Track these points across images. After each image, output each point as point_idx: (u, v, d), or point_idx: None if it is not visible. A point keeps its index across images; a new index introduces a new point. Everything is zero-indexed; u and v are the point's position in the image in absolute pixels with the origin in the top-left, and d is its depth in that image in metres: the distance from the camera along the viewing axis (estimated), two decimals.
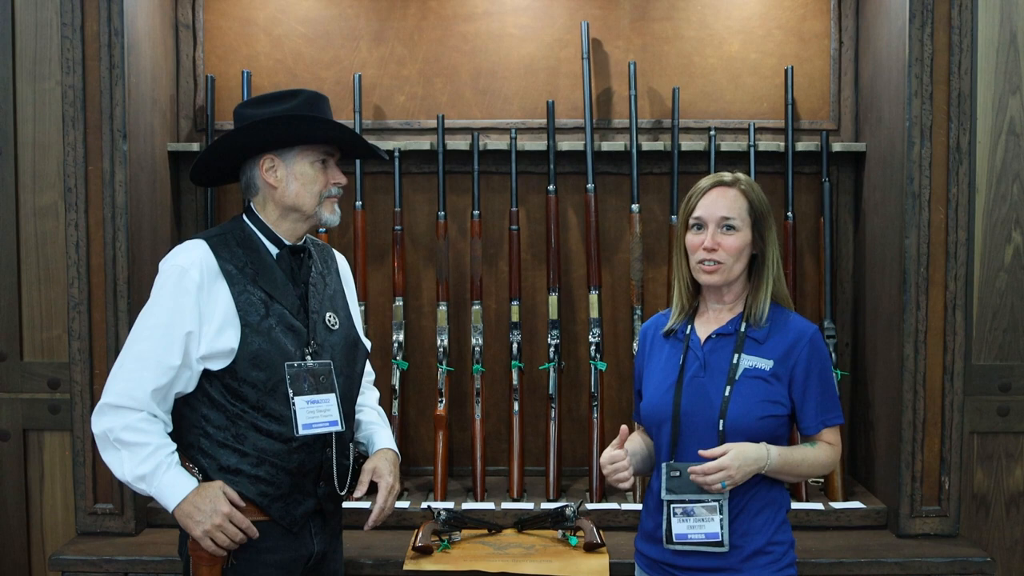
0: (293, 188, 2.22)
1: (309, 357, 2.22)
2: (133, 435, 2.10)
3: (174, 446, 2.15)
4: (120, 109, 2.82)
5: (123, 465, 2.11)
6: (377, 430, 2.42)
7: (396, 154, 3.19)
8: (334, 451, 2.25)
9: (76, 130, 2.83)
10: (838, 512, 2.97)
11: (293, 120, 2.18)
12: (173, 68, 3.26)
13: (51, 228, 3.06)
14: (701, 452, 2.11)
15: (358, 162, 3.17)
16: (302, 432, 2.18)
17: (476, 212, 3.20)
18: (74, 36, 2.81)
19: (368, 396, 2.49)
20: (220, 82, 3.25)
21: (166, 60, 3.20)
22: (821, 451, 2.21)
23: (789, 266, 3.15)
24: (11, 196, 3.07)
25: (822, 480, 3.12)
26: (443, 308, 3.19)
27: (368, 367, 2.49)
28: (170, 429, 2.17)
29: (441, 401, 3.15)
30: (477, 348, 3.19)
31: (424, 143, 3.22)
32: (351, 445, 2.33)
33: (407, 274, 3.25)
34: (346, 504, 2.36)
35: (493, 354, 3.29)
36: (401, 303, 3.20)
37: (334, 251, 2.45)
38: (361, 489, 2.28)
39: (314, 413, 2.20)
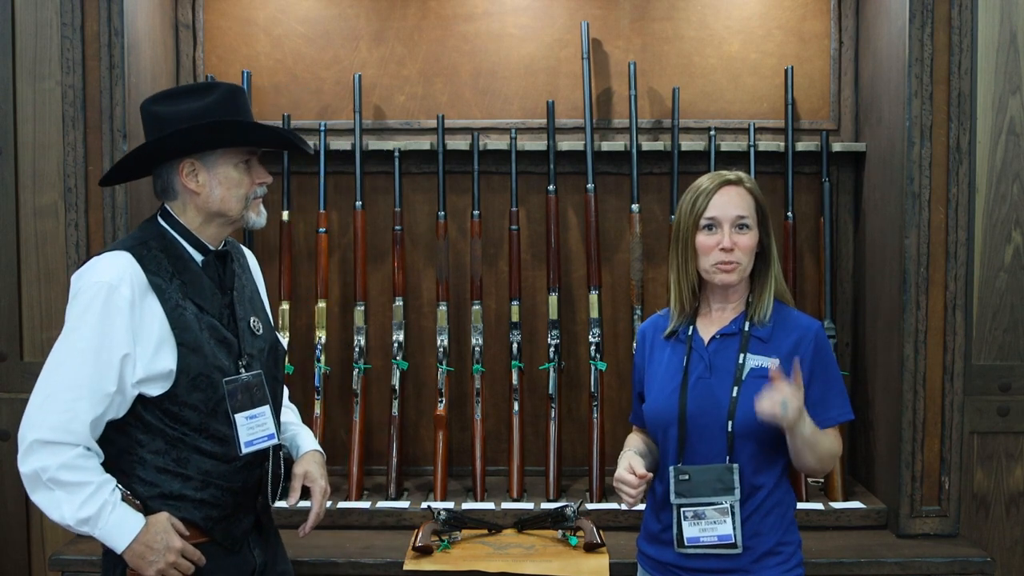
0: (217, 193, 2.08)
1: (243, 370, 2.10)
2: (70, 474, 1.92)
3: (114, 481, 1.98)
4: (120, 109, 2.82)
5: (61, 507, 1.93)
6: (299, 431, 2.35)
7: (396, 154, 3.19)
8: (271, 464, 2.17)
9: (76, 130, 2.83)
10: (838, 512, 2.97)
11: (213, 127, 2.03)
12: (173, 68, 3.26)
13: (51, 228, 3.06)
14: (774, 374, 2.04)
15: (358, 163, 3.17)
16: (245, 450, 2.09)
17: (476, 212, 3.20)
18: (74, 36, 2.81)
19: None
20: None
21: (166, 60, 3.20)
22: (831, 440, 2.19)
23: (789, 266, 3.15)
24: (11, 196, 3.06)
25: (822, 480, 3.12)
26: (443, 308, 3.18)
27: None
28: (102, 459, 2.00)
29: (441, 401, 3.15)
30: (477, 348, 3.19)
31: (424, 143, 3.22)
32: (281, 453, 2.25)
33: (407, 274, 3.25)
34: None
35: (493, 354, 3.29)
36: (401, 303, 3.20)
37: (242, 247, 2.32)
38: (295, 496, 2.21)
39: (253, 429, 2.10)
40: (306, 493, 2.27)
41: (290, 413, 2.40)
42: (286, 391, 2.46)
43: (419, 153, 3.26)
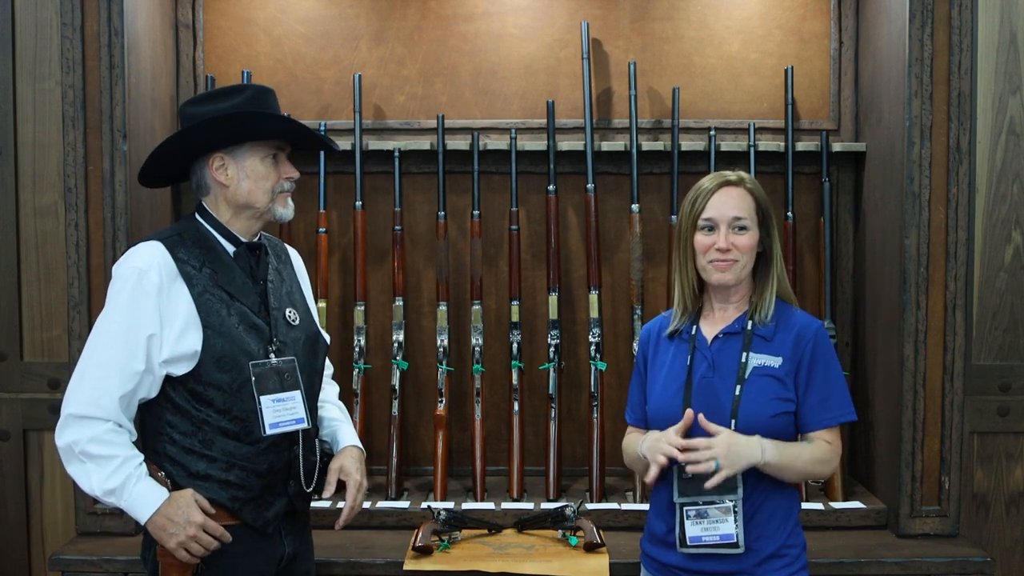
0: (245, 186, 2.19)
1: (273, 355, 2.18)
2: (100, 447, 2.05)
3: (141, 457, 2.10)
4: (120, 109, 2.82)
5: (90, 479, 2.06)
6: (340, 427, 2.40)
7: (396, 154, 3.19)
8: (301, 449, 2.22)
9: (76, 130, 2.82)
10: (838, 512, 2.97)
11: (240, 117, 2.15)
12: (173, 68, 3.26)
13: (51, 228, 3.06)
14: (703, 422, 2.08)
15: (358, 163, 3.17)
16: (269, 432, 2.15)
17: (476, 212, 3.20)
18: (74, 36, 2.81)
19: (328, 391, 2.47)
20: (220, 82, 3.24)
21: (166, 60, 3.20)
22: (817, 448, 2.18)
23: (789, 266, 3.14)
24: (11, 196, 3.06)
25: (822, 480, 3.12)
26: (443, 308, 3.18)
27: (327, 361, 2.46)
28: (135, 438, 2.12)
29: (441, 401, 3.15)
30: (477, 348, 3.19)
31: (424, 143, 3.22)
32: (317, 442, 2.31)
33: (407, 274, 3.25)
34: (321, 504, 2.33)
35: (493, 354, 3.29)
36: (401, 303, 3.20)
37: (287, 246, 2.44)
38: (330, 489, 2.26)
39: (280, 412, 2.17)
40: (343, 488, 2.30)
41: (335, 409, 2.45)
42: (336, 388, 2.53)
43: (419, 153, 3.26)
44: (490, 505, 3.02)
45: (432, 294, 3.30)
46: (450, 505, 2.97)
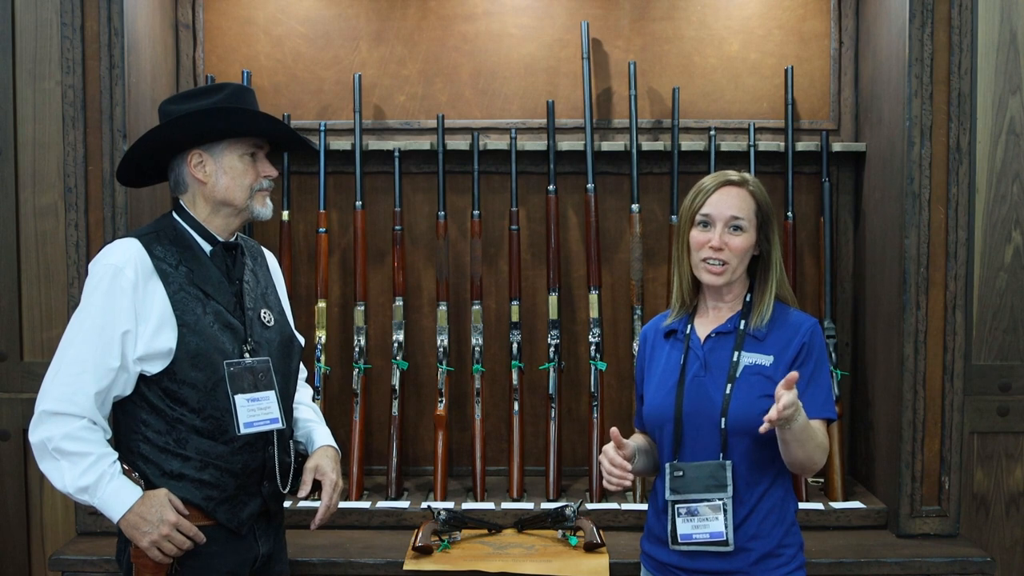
0: (223, 183, 2.19)
1: (247, 355, 2.19)
2: (74, 444, 2.04)
3: (116, 455, 2.10)
4: (120, 109, 2.82)
5: (63, 476, 2.05)
6: (315, 427, 2.41)
7: (396, 154, 3.19)
8: (276, 449, 2.22)
9: (76, 130, 2.83)
10: (838, 512, 2.97)
11: (218, 113, 2.15)
12: (173, 68, 3.26)
13: (51, 228, 3.06)
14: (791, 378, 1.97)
15: (358, 162, 3.17)
16: (243, 431, 2.15)
17: (476, 212, 3.20)
18: (74, 36, 2.81)
19: (302, 393, 2.47)
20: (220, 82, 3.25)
21: (166, 60, 3.20)
22: (821, 433, 2.14)
23: (789, 266, 3.14)
24: (11, 196, 3.07)
25: (822, 480, 3.12)
26: (443, 308, 3.18)
27: (301, 364, 2.46)
28: (109, 436, 2.12)
29: (441, 401, 3.15)
30: (477, 348, 3.19)
31: (424, 143, 3.22)
32: (291, 444, 2.31)
33: (407, 274, 3.25)
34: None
35: (493, 354, 3.29)
36: (401, 303, 3.20)
37: (262, 248, 2.44)
38: (305, 489, 2.26)
39: (255, 411, 2.17)
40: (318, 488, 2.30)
41: (309, 411, 2.46)
42: (309, 391, 2.54)
43: (419, 153, 3.26)
44: (490, 505, 3.02)
45: (432, 294, 3.30)
46: (450, 505, 2.97)
